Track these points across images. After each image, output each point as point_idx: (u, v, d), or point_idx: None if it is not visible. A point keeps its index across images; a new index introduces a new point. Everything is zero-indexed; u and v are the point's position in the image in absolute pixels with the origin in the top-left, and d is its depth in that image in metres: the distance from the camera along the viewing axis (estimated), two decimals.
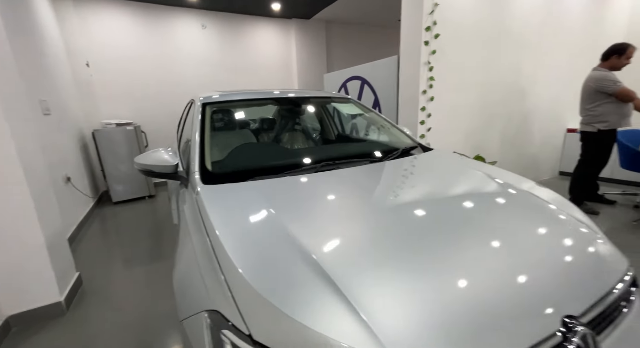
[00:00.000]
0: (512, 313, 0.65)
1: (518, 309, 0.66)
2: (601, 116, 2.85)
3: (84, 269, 2.27)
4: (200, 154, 1.37)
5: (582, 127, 3.05)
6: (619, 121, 2.82)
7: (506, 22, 3.31)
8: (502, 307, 0.66)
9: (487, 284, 0.71)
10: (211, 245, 0.84)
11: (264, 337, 0.61)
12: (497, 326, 0.63)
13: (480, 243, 0.83)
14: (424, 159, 1.54)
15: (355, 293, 0.65)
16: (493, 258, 0.78)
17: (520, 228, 0.92)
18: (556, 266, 0.79)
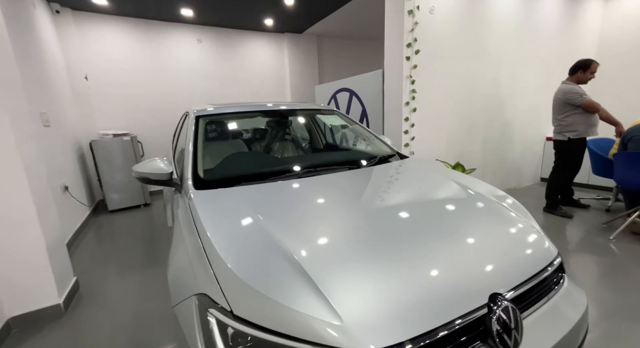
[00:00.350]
0: (451, 290, 0.80)
1: (456, 286, 0.81)
2: (571, 125, 3.06)
3: (80, 274, 2.36)
4: (193, 162, 1.51)
5: (555, 136, 3.26)
6: (587, 130, 3.03)
7: (482, 38, 3.55)
8: (444, 285, 0.80)
9: (433, 268, 0.85)
10: (201, 241, 0.97)
11: (242, 312, 0.74)
12: (437, 299, 0.77)
13: (432, 237, 0.98)
14: (399, 167, 1.69)
15: (320, 277, 0.79)
16: (440, 249, 0.93)
17: (465, 224, 1.07)
18: (491, 255, 0.94)
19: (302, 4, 4.23)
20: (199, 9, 4.26)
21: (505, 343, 0.75)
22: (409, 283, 0.80)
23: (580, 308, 0.95)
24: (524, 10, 3.80)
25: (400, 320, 0.71)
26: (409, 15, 2.97)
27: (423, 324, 0.72)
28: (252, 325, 0.72)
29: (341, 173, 1.55)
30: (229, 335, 0.74)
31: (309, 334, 0.68)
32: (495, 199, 1.26)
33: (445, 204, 1.22)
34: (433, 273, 0.83)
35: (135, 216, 4.00)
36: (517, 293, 0.85)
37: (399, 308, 0.74)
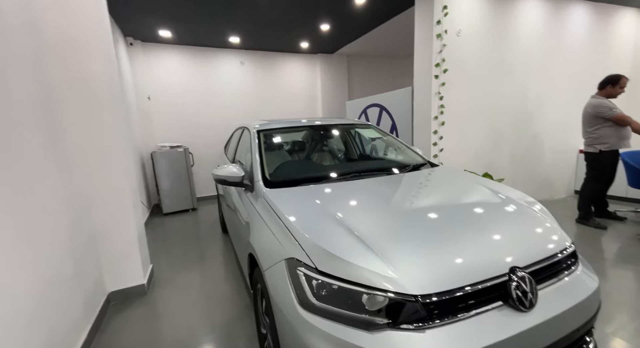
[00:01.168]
0: (479, 260, 1.05)
1: (483, 259, 1.06)
2: (601, 138, 3.14)
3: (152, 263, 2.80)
4: (261, 167, 1.88)
5: (585, 148, 3.34)
6: (618, 143, 3.10)
7: (508, 55, 3.75)
8: (473, 257, 1.06)
9: (465, 245, 1.11)
10: (283, 223, 1.31)
11: (325, 268, 1.05)
12: (468, 266, 1.03)
13: (464, 224, 1.24)
14: (432, 173, 1.96)
15: (378, 247, 1.08)
16: (471, 233, 1.19)
17: (492, 215, 1.32)
18: (513, 238, 1.18)
19: (337, 29, 4.67)
20: (245, 36, 4.83)
21: (522, 303, 0.99)
22: (445, 254, 1.07)
23: (590, 289, 1.15)
24: (551, 26, 3.96)
25: (438, 278, 0.98)
26: (437, 39, 3.27)
27: (456, 282, 0.98)
28: (331, 277, 1.02)
29: (382, 177, 1.85)
30: (314, 285, 1.04)
31: (374, 282, 0.97)
32: (519, 200, 1.49)
33: (476, 201, 1.47)
34: (465, 249, 1.10)
35: (185, 219, 4.49)
36: (532, 268, 1.08)
37: (437, 270, 1.01)
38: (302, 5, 3.69)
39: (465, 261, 1.05)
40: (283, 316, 1.09)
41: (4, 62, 1.29)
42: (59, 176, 1.68)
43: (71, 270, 1.68)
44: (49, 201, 1.53)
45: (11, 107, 1.30)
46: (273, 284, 1.19)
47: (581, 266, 1.24)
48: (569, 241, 1.26)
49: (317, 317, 1.00)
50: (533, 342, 0.97)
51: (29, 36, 1.56)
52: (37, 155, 1.48)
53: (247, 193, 1.89)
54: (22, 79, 1.42)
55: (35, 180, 1.43)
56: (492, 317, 0.97)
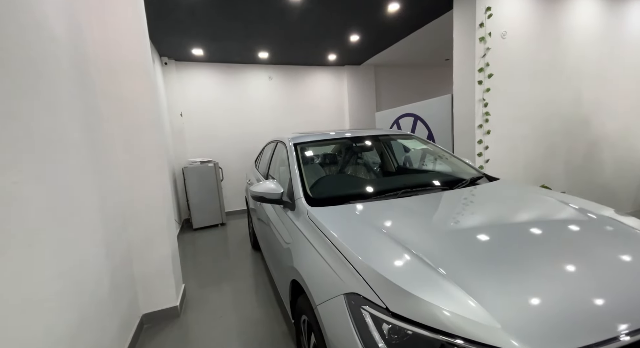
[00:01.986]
0: (609, 303, 0.81)
1: (615, 300, 0.82)
2: None
3: (184, 282, 2.70)
4: (302, 183, 1.73)
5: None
6: None
7: (558, 58, 3.44)
8: (599, 297, 0.82)
9: (582, 288, 0.87)
10: (337, 248, 1.13)
11: (399, 309, 0.85)
12: (588, 318, 0.79)
13: (569, 259, 1.00)
14: (494, 188, 1.71)
15: (466, 283, 0.87)
16: (583, 271, 0.94)
17: (608, 244, 1.06)
18: (634, 276, 0.92)
19: (366, 39, 4.58)
20: (273, 51, 4.87)
21: None
22: (558, 295, 0.84)
23: None
24: (608, 23, 3.61)
25: (557, 331, 0.75)
26: (480, 42, 3.05)
27: (577, 337, 0.75)
28: (407, 321, 0.83)
29: (438, 193, 1.63)
30: (385, 330, 0.85)
31: (468, 333, 0.76)
32: (621, 220, 1.22)
33: (571, 227, 1.22)
34: (585, 287, 0.86)
35: (215, 234, 4.44)
36: None
37: (550, 320, 0.78)
38: (332, 17, 3.63)
39: (590, 305, 0.81)
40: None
41: (58, 83, 1.26)
42: (99, 192, 1.63)
43: (107, 290, 1.59)
44: (90, 218, 1.47)
45: (61, 126, 1.26)
46: (329, 322, 1.01)
47: None
48: None
49: None
50: None
51: (71, 52, 1.55)
52: (83, 171, 1.43)
53: (287, 211, 1.75)
54: (70, 98, 1.40)
55: (81, 197, 1.37)
56: None
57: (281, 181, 2.13)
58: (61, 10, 1.43)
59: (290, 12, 3.40)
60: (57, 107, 1.29)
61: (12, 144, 0.97)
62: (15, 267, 0.91)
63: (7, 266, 0.88)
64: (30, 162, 1.05)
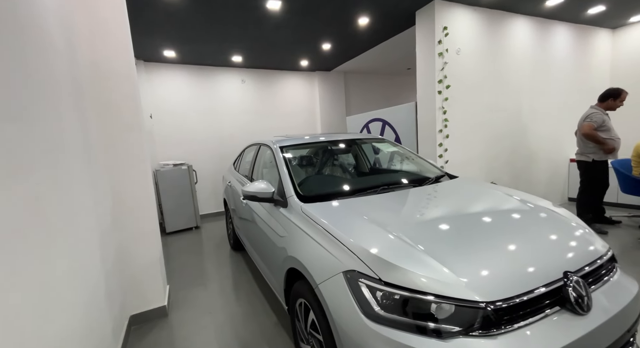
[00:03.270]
0: (537, 266, 1.11)
1: (537, 265, 1.12)
2: (594, 147, 3.33)
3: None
4: (292, 182, 1.91)
5: (578, 157, 3.53)
6: (605, 154, 3.29)
7: (503, 72, 3.99)
8: (530, 263, 1.12)
9: (521, 253, 1.17)
10: (332, 235, 1.33)
11: (388, 278, 1.07)
12: (528, 272, 1.08)
13: (511, 231, 1.31)
14: (455, 184, 2.03)
15: (439, 255, 1.12)
16: (521, 240, 1.25)
17: (540, 226, 1.39)
18: (561, 244, 1.25)
19: (337, 47, 4.86)
20: (247, 55, 4.94)
21: (580, 307, 1.04)
22: (504, 261, 1.12)
23: (632, 292, 1.20)
24: (538, 44, 4.26)
25: (502, 285, 1.03)
26: (439, 57, 3.46)
27: (519, 288, 1.03)
28: (397, 287, 1.05)
29: (410, 190, 1.91)
30: (379, 296, 1.07)
31: (441, 290, 1.01)
32: (552, 208, 1.58)
33: (512, 210, 1.55)
34: (520, 256, 1.16)
35: (189, 238, 4.40)
36: (583, 272, 1.14)
37: (500, 277, 1.05)
38: (308, 27, 3.84)
39: (523, 267, 1.10)
40: (346, 328, 1.10)
41: (59, 90, 1.30)
42: (92, 194, 1.66)
43: (103, 292, 1.63)
44: (87, 220, 1.50)
45: (66, 129, 1.30)
46: (331, 297, 1.20)
47: (619, 270, 1.31)
48: (607, 246, 1.34)
49: (386, 327, 1.02)
50: (595, 344, 1.02)
51: (69, 61, 1.57)
52: (79, 173, 1.46)
53: (278, 208, 1.91)
54: (66, 99, 1.43)
55: (79, 200, 1.41)
56: (555, 321, 1.02)
57: (267, 181, 2.27)
58: (58, 19, 1.46)
59: (268, 20, 3.55)
60: (59, 113, 1.33)
61: (29, 148, 1.03)
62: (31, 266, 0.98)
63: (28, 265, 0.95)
64: (44, 166, 1.11)
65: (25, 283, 0.89)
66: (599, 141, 3.25)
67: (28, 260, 0.92)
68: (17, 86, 0.98)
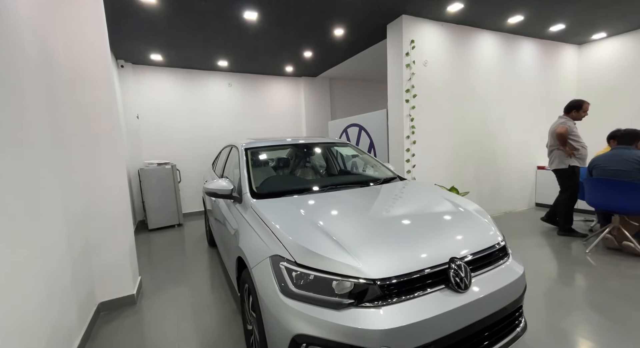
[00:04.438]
0: (425, 253, 1.31)
1: (428, 251, 1.33)
2: (563, 153, 3.47)
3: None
4: (249, 181, 2.11)
5: (555, 166, 3.58)
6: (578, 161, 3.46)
7: (470, 83, 4.24)
8: (420, 250, 1.33)
9: (414, 241, 1.37)
10: (268, 227, 1.53)
11: (302, 261, 1.27)
12: (416, 258, 1.29)
13: (415, 225, 1.52)
14: (397, 185, 2.25)
15: (346, 244, 1.33)
16: (419, 231, 1.46)
17: (438, 218, 1.60)
18: (455, 236, 1.46)
19: (319, 55, 5.09)
20: (233, 60, 5.16)
21: (459, 286, 1.25)
22: (399, 248, 1.33)
23: (516, 275, 1.42)
24: (505, 58, 4.53)
25: (392, 266, 1.23)
26: (406, 68, 3.70)
27: (406, 269, 1.23)
28: (308, 268, 1.25)
29: (355, 189, 2.12)
30: (294, 276, 1.27)
31: (341, 270, 1.21)
32: (467, 207, 1.79)
33: (430, 208, 1.76)
34: (415, 244, 1.36)
35: (171, 235, 4.56)
36: (468, 259, 1.35)
37: (392, 260, 1.26)
38: (286, 35, 4.07)
39: (414, 253, 1.31)
40: (268, 304, 1.30)
41: (23, 86, 1.50)
42: (60, 187, 1.84)
43: (69, 278, 1.81)
44: (52, 210, 1.69)
45: (30, 126, 1.49)
46: (259, 278, 1.40)
47: (512, 258, 1.53)
48: (501, 238, 1.55)
49: (296, 301, 1.22)
50: (468, 315, 1.23)
51: (41, 62, 1.77)
52: (45, 166, 1.65)
53: (235, 205, 2.10)
54: (34, 100, 1.62)
55: (44, 191, 1.60)
56: (435, 296, 1.22)
57: (234, 180, 2.47)
58: (31, 26, 1.66)
59: (247, 29, 3.77)
60: (29, 112, 1.52)
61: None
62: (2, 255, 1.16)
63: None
64: (4, 157, 1.30)
65: None
66: (565, 143, 3.38)
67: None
68: None
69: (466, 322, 1.22)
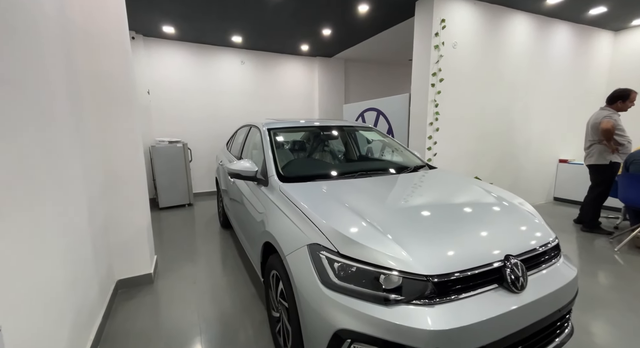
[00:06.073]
0: (480, 249, 1.21)
1: (483, 248, 1.23)
2: (606, 148, 3.26)
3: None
4: (274, 163, 2.00)
5: (594, 161, 3.36)
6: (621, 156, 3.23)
7: (499, 69, 4.01)
8: (475, 246, 1.22)
9: (469, 236, 1.27)
10: (302, 212, 1.43)
11: (345, 251, 1.18)
12: (470, 254, 1.19)
13: (466, 217, 1.41)
14: (431, 174, 2.13)
15: (393, 233, 1.23)
16: (473, 226, 1.35)
17: (489, 212, 1.49)
18: (509, 231, 1.36)
19: (338, 34, 4.83)
20: (247, 36, 4.92)
21: (515, 286, 1.16)
22: (451, 243, 1.23)
23: (569, 277, 1.33)
24: (537, 42, 4.26)
25: (445, 262, 1.14)
26: (435, 50, 3.48)
27: (460, 266, 1.14)
28: (352, 259, 1.16)
29: (387, 176, 2.00)
30: (336, 267, 1.18)
31: (389, 264, 1.12)
32: (511, 200, 1.68)
33: (474, 199, 1.65)
34: (467, 239, 1.26)
35: (182, 214, 4.52)
36: (523, 257, 1.25)
37: (444, 255, 1.16)
38: (307, 11, 3.83)
39: (467, 249, 1.21)
40: (306, 294, 1.22)
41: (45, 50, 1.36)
42: (82, 162, 1.75)
43: (90, 254, 1.74)
44: (75, 183, 1.60)
45: (53, 98, 1.38)
46: (295, 267, 1.32)
47: (562, 258, 1.43)
48: (553, 236, 1.44)
49: (339, 294, 1.13)
50: (523, 318, 1.14)
51: (61, 29, 1.62)
52: (68, 143, 1.55)
53: (260, 187, 2.00)
54: (56, 73, 1.50)
55: (67, 164, 1.50)
56: (489, 296, 1.13)
57: (254, 161, 2.36)
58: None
59: (265, 2, 3.53)
60: (48, 80, 1.40)
61: (16, 111, 1.10)
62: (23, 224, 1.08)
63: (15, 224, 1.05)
64: (31, 130, 1.19)
65: (11, 234, 0.98)
66: (610, 139, 3.15)
67: (15, 214, 1.01)
68: (5, 50, 1.04)
69: (520, 325, 1.14)
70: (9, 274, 0.94)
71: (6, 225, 0.95)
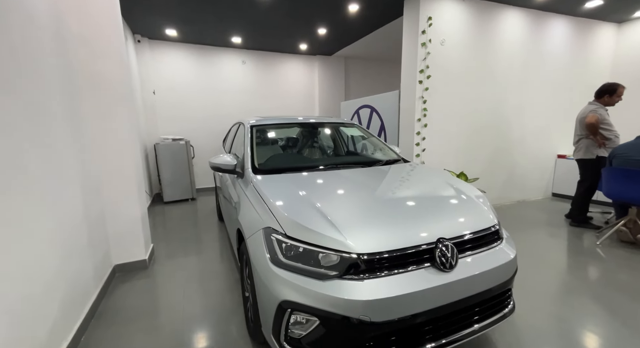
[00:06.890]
0: (415, 232, 1.33)
1: (418, 231, 1.34)
2: (593, 143, 3.27)
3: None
4: (251, 157, 2.16)
5: (581, 155, 3.38)
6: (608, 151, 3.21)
7: (490, 65, 4.02)
8: (411, 230, 1.34)
9: (404, 221, 1.39)
10: (264, 202, 1.59)
11: (292, 234, 1.33)
12: (404, 236, 1.31)
13: (410, 205, 1.53)
14: (399, 167, 2.24)
15: (334, 219, 1.36)
16: (412, 212, 1.47)
17: (435, 201, 1.60)
18: (446, 218, 1.46)
19: (333, 33, 4.94)
20: (247, 36, 5.10)
21: (444, 265, 1.27)
22: (387, 226, 1.35)
23: (506, 259, 1.42)
24: (532, 37, 4.23)
25: (379, 243, 1.26)
26: (422, 47, 3.55)
27: (392, 246, 1.26)
28: (297, 241, 1.31)
29: (355, 169, 2.13)
30: (283, 247, 1.32)
31: (328, 244, 1.25)
32: (467, 191, 1.77)
33: (426, 190, 1.76)
34: (404, 223, 1.38)
35: (184, 208, 4.78)
36: (456, 241, 1.36)
37: (379, 237, 1.29)
38: (300, 11, 3.96)
39: (402, 232, 1.33)
40: (260, 271, 1.37)
41: (39, 61, 1.57)
42: (78, 156, 1.96)
43: (86, 240, 1.96)
44: (70, 175, 1.81)
45: (50, 102, 1.58)
46: (253, 248, 1.48)
47: (505, 242, 1.52)
48: (494, 223, 1.53)
49: (285, 271, 1.28)
50: (453, 292, 1.25)
51: (55, 35, 1.84)
52: (63, 139, 1.76)
53: (238, 180, 2.17)
54: (51, 75, 1.70)
55: (65, 158, 1.71)
56: (419, 274, 1.25)
57: (240, 156, 2.54)
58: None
59: (260, 3, 3.69)
60: (46, 83, 1.61)
61: (15, 111, 1.31)
62: (14, 205, 1.28)
63: (11, 208, 1.25)
64: (26, 127, 1.39)
65: (4, 218, 1.19)
66: (596, 133, 3.17)
67: (8, 202, 1.21)
68: (2, 57, 1.24)
69: (449, 299, 1.25)
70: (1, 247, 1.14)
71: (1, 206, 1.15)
